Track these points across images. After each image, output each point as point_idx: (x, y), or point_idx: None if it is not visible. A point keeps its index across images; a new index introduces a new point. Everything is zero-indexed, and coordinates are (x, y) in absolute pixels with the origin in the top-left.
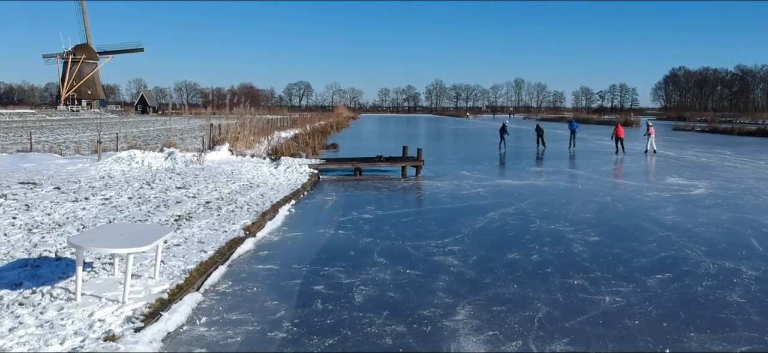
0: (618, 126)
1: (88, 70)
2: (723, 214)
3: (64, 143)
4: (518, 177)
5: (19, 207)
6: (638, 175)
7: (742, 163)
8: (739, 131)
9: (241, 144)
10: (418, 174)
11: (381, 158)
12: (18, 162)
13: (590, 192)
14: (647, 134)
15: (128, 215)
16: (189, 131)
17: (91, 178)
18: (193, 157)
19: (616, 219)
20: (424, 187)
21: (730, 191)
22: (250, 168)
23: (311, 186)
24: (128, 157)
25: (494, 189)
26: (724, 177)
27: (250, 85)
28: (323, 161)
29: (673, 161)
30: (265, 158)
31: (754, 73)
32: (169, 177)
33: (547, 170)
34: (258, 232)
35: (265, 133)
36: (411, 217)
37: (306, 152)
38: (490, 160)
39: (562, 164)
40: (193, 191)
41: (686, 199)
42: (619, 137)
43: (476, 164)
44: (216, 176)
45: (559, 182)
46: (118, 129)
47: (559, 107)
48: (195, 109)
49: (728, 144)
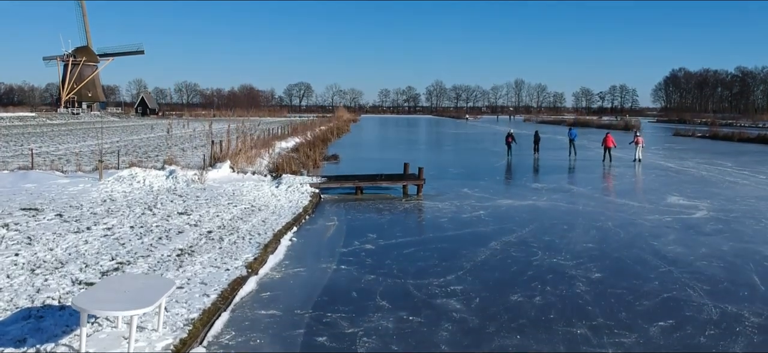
0: (607, 136)
1: (89, 72)
2: (725, 244)
3: (64, 156)
4: (519, 196)
5: (21, 240)
6: (639, 193)
7: (742, 177)
8: (739, 137)
9: (243, 160)
10: (420, 193)
11: (382, 176)
12: (19, 182)
13: (591, 216)
14: (634, 143)
15: (131, 250)
16: (190, 138)
17: (92, 201)
18: (194, 176)
19: (618, 250)
20: (426, 209)
21: (731, 214)
22: (251, 188)
23: (313, 208)
24: (129, 176)
25: (495, 212)
26: (725, 196)
27: (250, 87)
28: (324, 179)
29: (674, 174)
30: (267, 175)
31: (754, 75)
32: (171, 200)
33: (548, 188)
34: (260, 268)
35: (266, 145)
36: (413, 247)
37: (307, 166)
38: (491, 174)
39: (562, 180)
40: (195, 217)
41: (687, 224)
42: (608, 146)
43: (477, 180)
44: (217, 198)
45: (560, 202)
46: (120, 136)
47: (559, 107)
48: (195, 110)
49: (729, 153)
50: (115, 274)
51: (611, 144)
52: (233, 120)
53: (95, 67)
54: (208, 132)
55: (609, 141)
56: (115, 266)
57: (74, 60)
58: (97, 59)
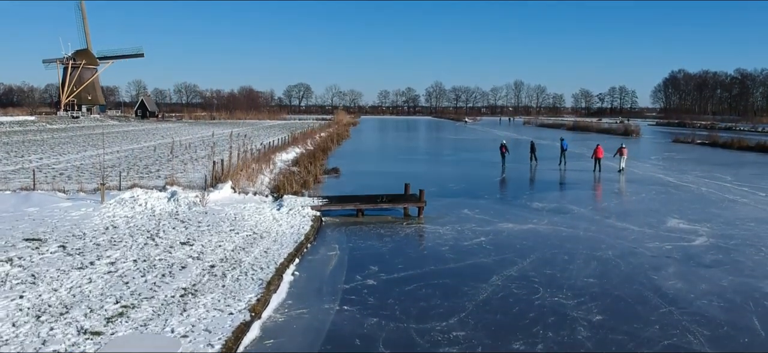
0: (598, 147)
1: (89, 75)
2: (724, 278)
3: (65, 170)
4: (520, 219)
5: (25, 279)
6: (640, 215)
7: (742, 195)
8: (738, 145)
9: (244, 178)
10: (420, 215)
11: (383, 198)
12: (22, 205)
13: (592, 243)
14: (619, 154)
15: (135, 290)
16: (191, 147)
17: (95, 229)
18: (195, 198)
19: (619, 286)
20: (427, 235)
21: (730, 241)
22: (252, 211)
23: (314, 234)
24: (131, 199)
25: (496, 239)
26: (724, 218)
27: (249, 88)
28: (326, 200)
29: (674, 191)
30: (268, 196)
31: (753, 77)
32: (173, 227)
33: (548, 208)
34: (263, 311)
35: (266, 159)
36: (414, 283)
37: (308, 182)
38: (490, 191)
39: (562, 198)
40: (198, 248)
41: (687, 253)
42: (599, 158)
43: (477, 198)
44: (219, 224)
45: (560, 226)
46: (120, 145)
47: (558, 107)
48: (195, 111)
49: (728, 164)
50: (121, 329)
51: (601, 155)
52: (233, 124)
53: (95, 71)
54: (210, 151)
55: (599, 152)
56: (119, 310)
57: (74, 63)
58: (97, 62)
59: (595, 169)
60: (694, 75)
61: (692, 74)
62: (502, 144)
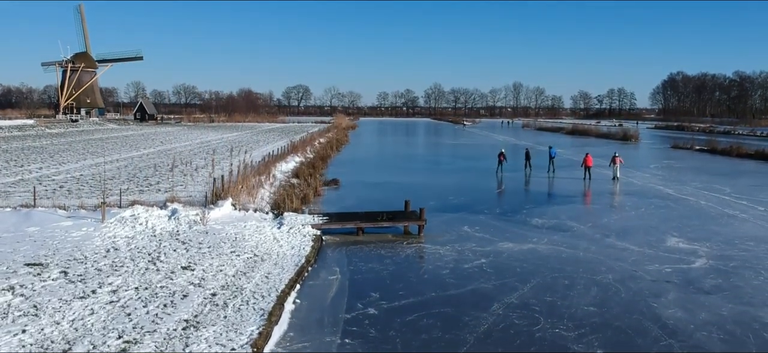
0: (587, 156)
1: (87, 78)
2: (724, 305)
3: (65, 183)
4: (520, 238)
5: (27, 310)
6: (639, 233)
7: (741, 209)
8: (737, 152)
9: (244, 194)
10: (421, 233)
11: (383, 216)
12: (22, 224)
13: (592, 265)
14: (613, 163)
15: (137, 323)
16: (191, 154)
17: (96, 251)
18: (196, 216)
19: (620, 316)
20: (427, 256)
21: (730, 263)
22: (253, 231)
23: (315, 256)
24: (132, 218)
25: (497, 260)
26: (723, 236)
27: (248, 90)
28: (326, 218)
29: (673, 205)
30: (268, 213)
31: (752, 80)
32: (174, 249)
33: (548, 225)
34: (265, 346)
35: (266, 170)
36: (415, 312)
37: (307, 195)
38: (490, 205)
39: (562, 213)
40: (199, 273)
41: (687, 277)
42: (588, 166)
43: (477, 214)
44: (220, 245)
45: (560, 245)
46: (119, 151)
47: (556, 107)
48: (193, 113)
49: (727, 173)
50: None
51: (591, 163)
52: (232, 127)
53: (94, 74)
54: (210, 160)
55: (588, 161)
56: (122, 346)
57: (73, 66)
58: (96, 65)
59: (585, 177)
60: (692, 77)
61: (691, 76)
62: (501, 152)
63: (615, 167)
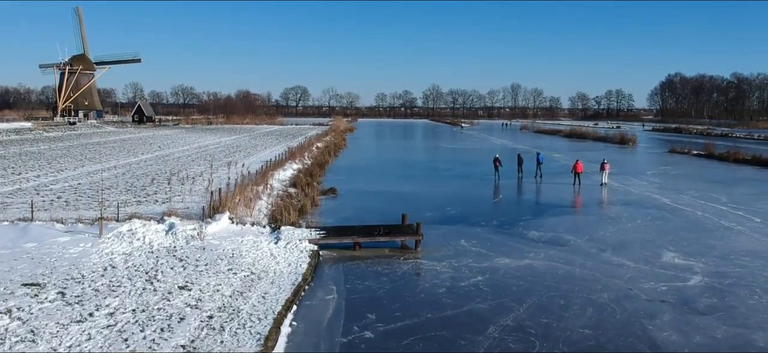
0: (577, 162)
1: (85, 81)
2: (719, 328)
3: (63, 193)
4: (516, 253)
5: (24, 336)
6: (635, 248)
7: (737, 220)
8: (734, 157)
9: (241, 205)
10: (417, 248)
11: (380, 231)
12: (20, 240)
13: (587, 283)
14: (602, 170)
15: (134, 350)
16: (188, 160)
17: (93, 270)
18: (193, 230)
19: (615, 339)
20: (423, 274)
21: (725, 280)
22: (250, 246)
23: (312, 273)
24: (129, 233)
25: (493, 277)
26: (719, 251)
27: (246, 92)
28: (323, 233)
29: (670, 216)
30: (265, 227)
31: (749, 82)
32: (171, 267)
33: (544, 239)
34: None
35: (263, 180)
36: (411, 336)
37: (305, 206)
38: (487, 216)
39: (558, 226)
40: (196, 293)
41: (682, 296)
42: (578, 172)
43: (474, 225)
44: (217, 262)
45: (556, 261)
46: (117, 157)
47: (554, 108)
48: (191, 114)
49: (724, 181)
50: None
51: (580, 170)
52: (230, 129)
53: (92, 76)
54: (208, 167)
55: (578, 167)
56: None
57: (71, 68)
58: (94, 68)
59: (574, 183)
60: (690, 79)
61: (689, 78)
62: (496, 158)
63: (603, 173)
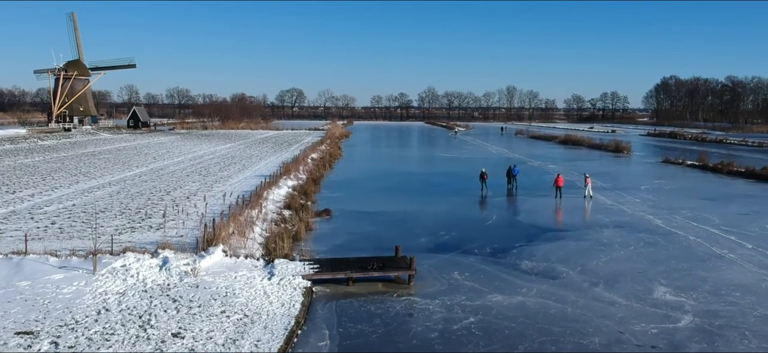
0: (558, 176)
1: (80, 86)
2: None
3: (58, 218)
4: (509, 287)
5: None
6: (627, 280)
7: (729, 247)
8: (728, 169)
9: (236, 233)
10: (411, 282)
11: (374, 265)
12: (13, 277)
13: (579, 325)
14: (585, 184)
15: None
16: (182, 175)
17: (87, 314)
18: (186, 265)
19: None
20: (416, 314)
21: (715, 321)
22: (243, 283)
23: (305, 314)
24: (123, 270)
25: (485, 318)
26: (710, 284)
27: (241, 95)
28: (317, 268)
29: (662, 242)
30: (259, 259)
31: (744, 85)
32: (164, 310)
33: (537, 270)
34: None
35: (258, 202)
36: None
37: (299, 231)
38: (480, 242)
39: (551, 254)
40: (189, 341)
41: (672, 341)
42: (559, 186)
43: (468, 254)
44: (210, 303)
45: (548, 298)
46: (111, 171)
47: (550, 108)
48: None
49: (717, 197)
50: None
51: (561, 184)
52: (225, 135)
53: (87, 81)
54: (203, 184)
55: (559, 181)
56: None
57: (66, 74)
58: (89, 73)
59: (556, 196)
60: (685, 81)
61: (683, 80)
62: (482, 172)
63: (586, 187)
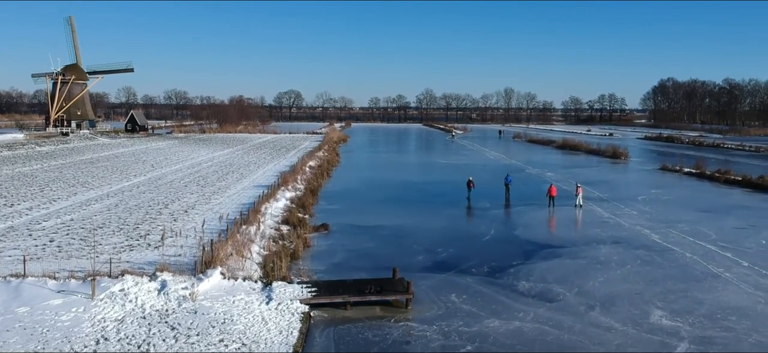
0: (551, 186)
1: (78, 90)
2: None
3: (56, 235)
4: (506, 311)
5: None
6: (623, 303)
7: (725, 266)
8: (724, 178)
9: (233, 255)
10: (408, 306)
11: (371, 289)
12: (12, 302)
13: None
14: (576, 193)
15: None
16: (181, 187)
17: (86, 344)
18: (185, 290)
19: None
20: (413, 341)
21: (710, 348)
22: (241, 309)
23: (302, 343)
24: (122, 295)
25: (482, 345)
26: (707, 307)
27: (239, 98)
28: (314, 290)
29: (659, 260)
30: (257, 281)
31: (741, 87)
32: (163, 339)
33: (534, 291)
34: None
35: (256, 217)
36: None
37: (297, 248)
38: (478, 260)
39: (547, 274)
40: None
41: None
42: (552, 196)
43: (465, 274)
44: (208, 331)
45: (545, 324)
46: (109, 181)
47: (547, 108)
48: (185, 123)
49: (714, 209)
50: None
51: (554, 194)
52: (223, 139)
53: (84, 85)
54: (201, 195)
55: (552, 191)
56: None
57: (63, 78)
58: (87, 77)
59: (549, 206)
60: (683, 83)
61: (681, 82)
62: (469, 180)
63: (577, 196)
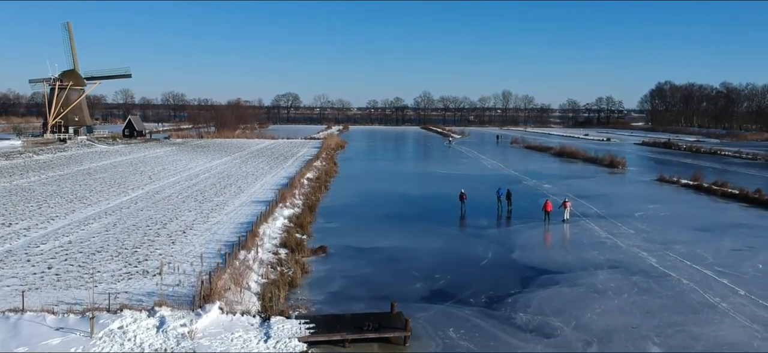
0: (547, 201)
1: (75, 96)
2: None
3: (54, 261)
4: (504, 348)
5: None
6: (620, 338)
7: (722, 295)
8: (722, 192)
9: (231, 286)
10: (406, 344)
11: (369, 326)
12: (10, 340)
13: None
14: (563, 207)
15: None
16: (179, 203)
17: None
18: (183, 328)
19: None
20: None
21: None
22: (239, 347)
23: None
24: (121, 333)
25: None
26: (703, 343)
27: (237, 101)
28: (313, 328)
29: (656, 287)
30: (255, 316)
31: (738, 91)
32: None
33: (532, 324)
34: None
35: (253, 240)
36: None
37: (296, 275)
38: (476, 287)
39: (545, 304)
40: None
41: None
42: (548, 211)
43: (463, 304)
44: None
45: None
46: (107, 196)
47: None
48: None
49: (711, 228)
50: None
51: (550, 209)
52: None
53: (82, 91)
54: (199, 212)
55: (548, 206)
56: None
57: (61, 84)
58: (84, 83)
59: (545, 220)
60: (680, 87)
61: (678, 86)
62: (461, 192)
63: (565, 210)
